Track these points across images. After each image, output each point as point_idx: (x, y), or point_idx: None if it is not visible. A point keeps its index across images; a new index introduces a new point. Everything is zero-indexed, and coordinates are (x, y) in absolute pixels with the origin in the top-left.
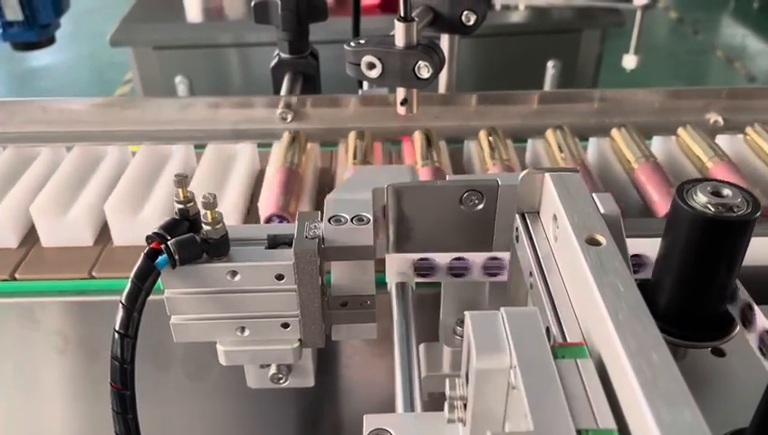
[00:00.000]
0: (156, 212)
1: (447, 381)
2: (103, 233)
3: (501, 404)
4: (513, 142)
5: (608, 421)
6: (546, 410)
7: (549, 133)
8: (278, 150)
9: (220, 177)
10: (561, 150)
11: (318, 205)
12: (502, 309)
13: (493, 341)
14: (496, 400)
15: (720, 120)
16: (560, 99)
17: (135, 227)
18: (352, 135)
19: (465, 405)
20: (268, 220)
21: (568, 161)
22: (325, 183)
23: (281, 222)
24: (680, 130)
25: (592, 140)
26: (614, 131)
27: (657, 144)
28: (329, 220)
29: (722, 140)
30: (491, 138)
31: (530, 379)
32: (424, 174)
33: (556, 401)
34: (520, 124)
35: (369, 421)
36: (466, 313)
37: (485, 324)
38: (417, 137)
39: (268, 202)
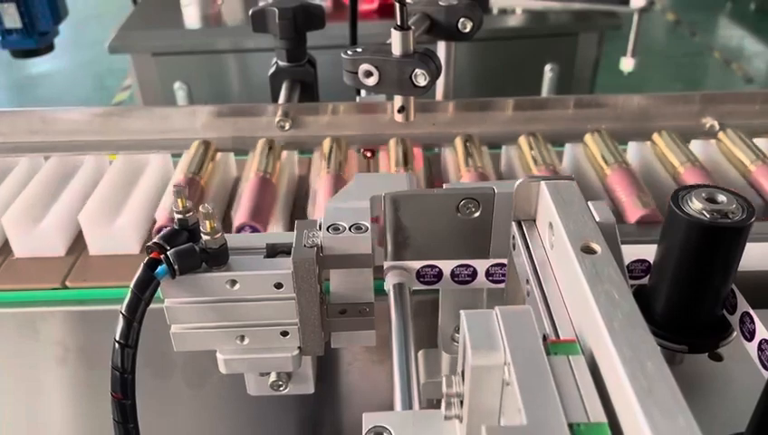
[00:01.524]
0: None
1: (444, 378)
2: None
3: (496, 400)
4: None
5: (599, 415)
6: (539, 405)
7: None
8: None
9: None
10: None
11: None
12: (496, 308)
13: (487, 338)
14: (491, 396)
15: (716, 124)
16: (546, 105)
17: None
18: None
19: (461, 402)
20: (240, 229)
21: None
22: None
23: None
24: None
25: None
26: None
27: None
28: (327, 229)
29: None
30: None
31: (523, 375)
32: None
33: (548, 396)
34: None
35: (368, 419)
36: (462, 312)
37: (480, 323)
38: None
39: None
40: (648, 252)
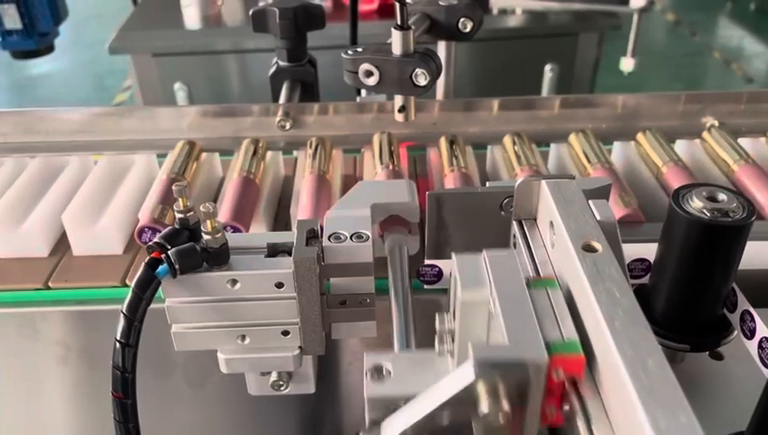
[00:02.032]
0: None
1: (437, 316)
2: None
3: (483, 333)
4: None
5: (571, 334)
6: (519, 328)
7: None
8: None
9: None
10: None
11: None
12: (484, 251)
13: (475, 277)
14: (479, 329)
15: (716, 123)
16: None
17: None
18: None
19: (452, 338)
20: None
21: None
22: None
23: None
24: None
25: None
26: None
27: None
28: (329, 238)
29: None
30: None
31: (506, 305)
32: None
33: (528, 321)
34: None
35: (369, 359)
36: (453, 254)
37: (469, 264)
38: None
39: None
40: (649, 251)
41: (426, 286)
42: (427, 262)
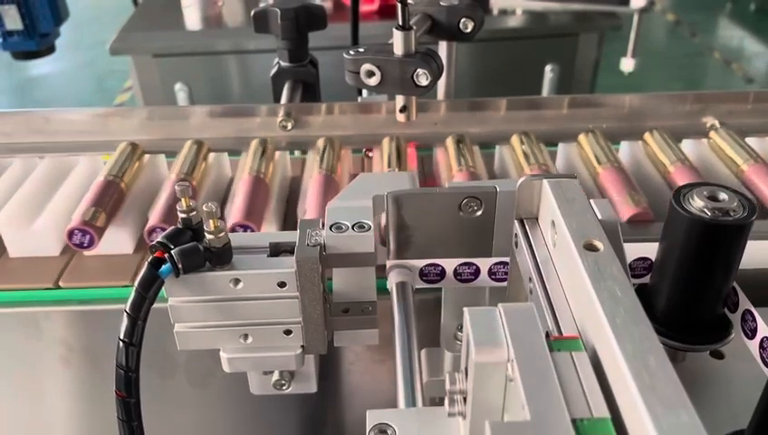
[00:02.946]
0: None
1: (447, 375)
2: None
3: (499, 397)
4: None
5: (602, 410)
6: (542, 401)
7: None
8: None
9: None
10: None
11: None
12: (499, 305)
13: (490, 335)
14: (495, 392)
15: (717, 123)
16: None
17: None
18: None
19: (464, 399)
20: (232, 230)
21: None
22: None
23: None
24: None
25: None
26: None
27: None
28: (330, 228)
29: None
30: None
31: (526, 371)
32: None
33: (552, 392)
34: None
35: (372, 416)
36: (465, 309)
37: (483, 320)
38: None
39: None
40: (650, 250)
41: (427, 286)
42: (429, 261)
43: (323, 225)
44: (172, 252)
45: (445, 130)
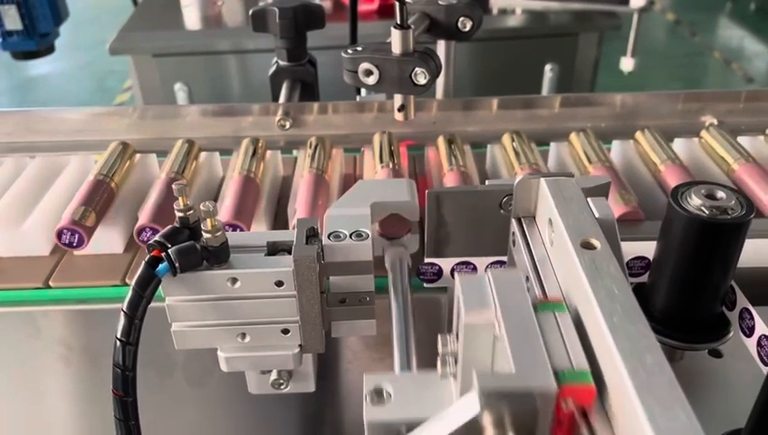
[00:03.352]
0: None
1: (439, 337)
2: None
3: (488, 356)
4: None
5: (582, 363)
6: (526, 354)
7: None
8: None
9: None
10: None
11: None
12: (488, 271)
13: (479, 298)
14: (484, 352)
15: (715, 122)
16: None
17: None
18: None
19: (455, 360)
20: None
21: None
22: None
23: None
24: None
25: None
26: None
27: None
28: (328, 236)
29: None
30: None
31: (512, 329)
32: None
33: (535, 347)
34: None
35: (369, 380)
36: (456, 274)
37: (473, 285)
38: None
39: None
40: (648, 249)
41: (426, 285)
42: (427, 260)
43: (321, 231)
44: (169, 251)
45: (440, 130)
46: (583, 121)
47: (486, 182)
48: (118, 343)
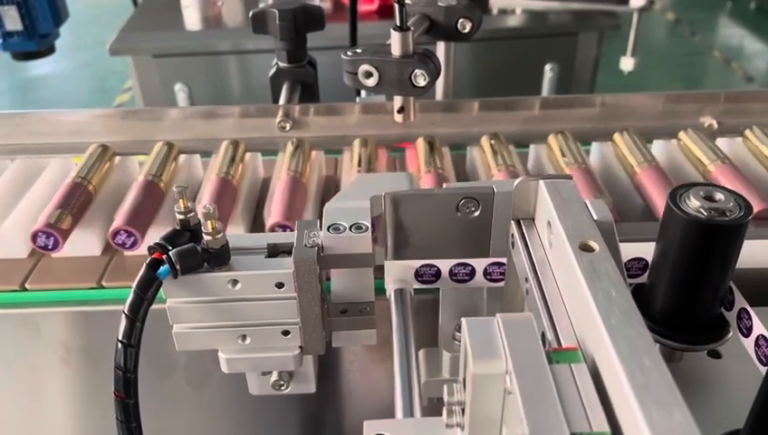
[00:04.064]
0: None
1: (446, 387)
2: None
3: (498, 409)
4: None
5: (601, 424)
6: (541, 414)
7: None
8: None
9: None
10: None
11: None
12: (497, 315)
13: (489, 346)
14: (493, 404)
15: (714, 123)
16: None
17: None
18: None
19: (463, 410)
20: (272, 229)
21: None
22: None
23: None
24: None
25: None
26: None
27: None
28: (328, 229)
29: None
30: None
31: (525, 383)
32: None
33: (551, 405)
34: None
35: (369, 427)
36: (463, 319)
37: (481, 331)
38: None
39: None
40: (646, 250)
41: (423, 286)
42: (424, 262)
43: (321, 226)
44: (170, 253)
45: (440, 130)
46: (565, 123)
47: (444, 185)
48: (119, 344)
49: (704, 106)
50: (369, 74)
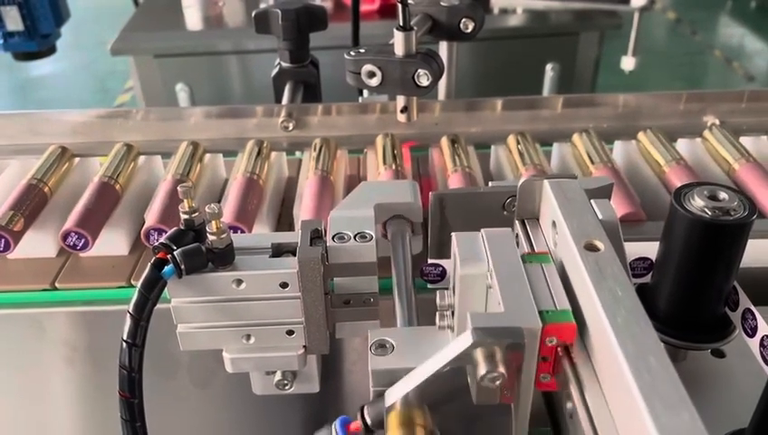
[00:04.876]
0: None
1: (438, 293)
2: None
3: (482, 305)
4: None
5: (564, 304)
6: (515, 298)
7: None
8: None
9: None
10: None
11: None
12: (482, 230)
13: (473, 253)
14: (478, 302)
15: (717, 122)
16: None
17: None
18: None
19: (452, 313)
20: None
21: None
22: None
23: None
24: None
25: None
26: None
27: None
28: (333, 238)
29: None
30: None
31: (502, 277)
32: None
33: (523, 291)
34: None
35: (373, 334)
36: (453, 233)
37: (468, 241)
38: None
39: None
40: (651, 250)
41: (429, 286)
42: (430, 261)
43: (325, 232)
44: (175, 253)
45: (442, 131)
46: (586, 122)
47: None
48: (124, 344)
49: (723, 105)
50: (372, 74)
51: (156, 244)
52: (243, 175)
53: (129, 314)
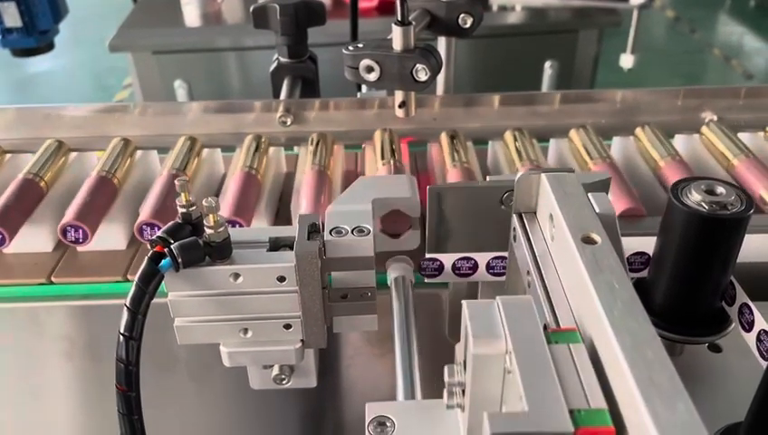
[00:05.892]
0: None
1: (446, 368)
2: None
3: (497, 388)
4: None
5: (599, 401)
6: (540, 392)
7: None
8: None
9: None
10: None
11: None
12: (497, 298)
13: (488, 327)
14: (493, 384)
15: (714, 118)
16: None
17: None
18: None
19: (463, 391)
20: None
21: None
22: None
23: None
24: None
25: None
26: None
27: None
28: (330, 232)
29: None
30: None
31: (524, 363)
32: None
33: (549, 383)
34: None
35: (371, 409)
36: (464, 302)
37: (482, 312)
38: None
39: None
40: (648, 244)
41: (427, 280)
42: (428, 255)
43: (323, 226)
44: (172, 246)
45: (441, 126)
46: (583, 118)
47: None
48: (121, 338)
49: (721, 101)
50: (370, 69)
51: (151, 238)
52: (241, 170)
53: (126, 308)
